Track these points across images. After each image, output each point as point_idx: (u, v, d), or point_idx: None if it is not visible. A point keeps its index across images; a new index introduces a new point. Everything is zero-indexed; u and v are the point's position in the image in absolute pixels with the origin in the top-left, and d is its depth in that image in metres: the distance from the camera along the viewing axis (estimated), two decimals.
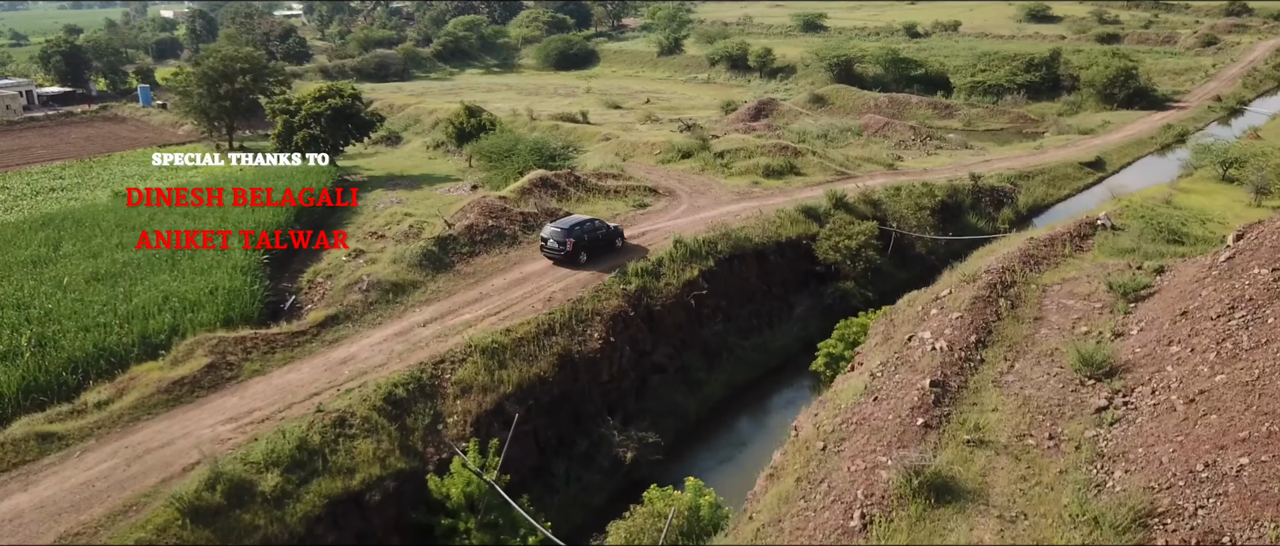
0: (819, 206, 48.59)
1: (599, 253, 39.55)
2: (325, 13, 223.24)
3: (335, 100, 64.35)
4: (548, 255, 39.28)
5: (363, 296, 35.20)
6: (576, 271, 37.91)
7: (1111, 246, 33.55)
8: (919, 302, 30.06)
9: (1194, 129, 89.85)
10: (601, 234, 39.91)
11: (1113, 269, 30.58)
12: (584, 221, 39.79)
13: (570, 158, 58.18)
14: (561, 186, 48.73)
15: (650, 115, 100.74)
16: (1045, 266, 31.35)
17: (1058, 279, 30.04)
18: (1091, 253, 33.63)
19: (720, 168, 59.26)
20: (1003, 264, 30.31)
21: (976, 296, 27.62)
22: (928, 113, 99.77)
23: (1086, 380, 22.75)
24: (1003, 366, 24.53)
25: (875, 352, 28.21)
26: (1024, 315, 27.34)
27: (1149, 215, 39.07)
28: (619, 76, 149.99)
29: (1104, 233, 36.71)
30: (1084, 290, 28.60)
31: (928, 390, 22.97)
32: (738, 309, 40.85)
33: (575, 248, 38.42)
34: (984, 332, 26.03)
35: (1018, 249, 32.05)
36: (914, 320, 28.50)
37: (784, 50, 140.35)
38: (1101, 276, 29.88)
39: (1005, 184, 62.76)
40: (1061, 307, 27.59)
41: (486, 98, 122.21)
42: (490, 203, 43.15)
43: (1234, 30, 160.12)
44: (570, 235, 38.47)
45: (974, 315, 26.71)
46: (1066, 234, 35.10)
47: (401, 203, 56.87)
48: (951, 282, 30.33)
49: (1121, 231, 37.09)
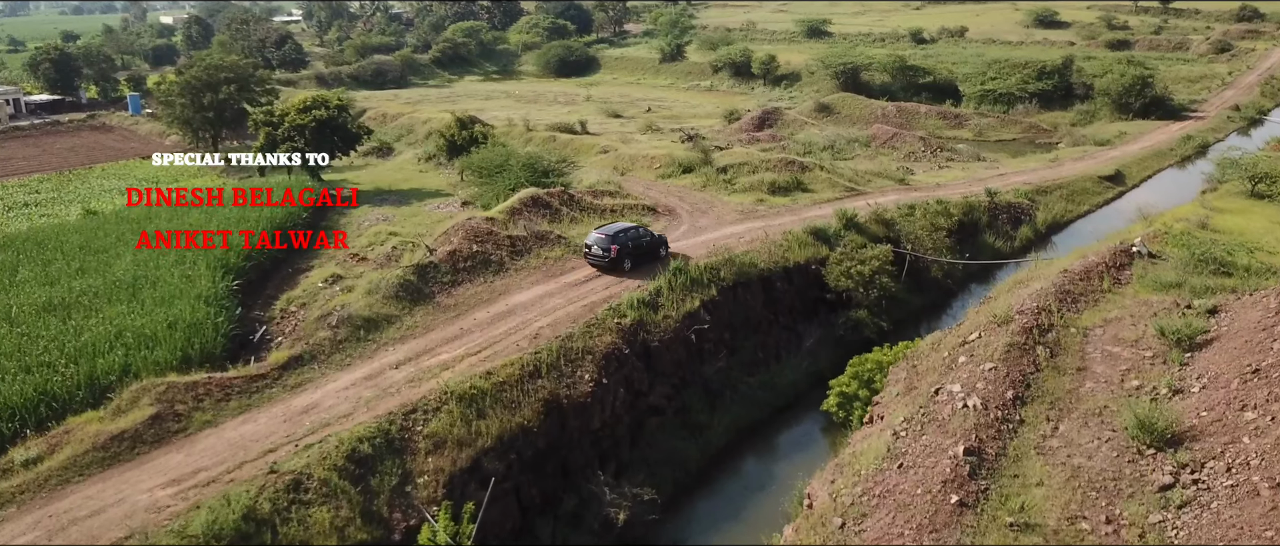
0: (828, 227, 45.58)
1: (642, 260, 39.07)
2: (324, 18, 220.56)
3: (320, 112, 61.45)
4: (591, 262, 38.70)
5: (331, 333, 32.20)
6: (564, 305, 34.92)
7: (1153, 279, 30.48)
8: (944, 347, 27.02)
9: (1214, 140, 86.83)
10: (645, 241, 39.48)
11: (1159, 308, 27.56)
12: (629, 228, 39.29)
13: (565, 174, 55.18)
14: (554, 206, 45.75)
15: (651, 125, 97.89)
16: (1083, 304, 28.32)
17: (1099, 320, 27.00)
18: (1131, 286, 30.58)
19: (723, 184, 56.27)
20: (1037, 303, 27.27)
21: (1011, 343, 24.59)
22: (937, 122, 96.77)
23: (1145, 449, 19.71)
24: (1045, 428, 21.50)
25: (897, 405, 25.17)
26: (1065, 365, 24.30)
27: (1188, 241, 35.97)
28: (620, 83, 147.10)
29: (1141, 261, 33.70)
30: (1130, 335, 25.56)
31: (961, 459, 19.95)
32: (742, 341, 37.81)
33: (619, 254, 37.94)
34: (1021, 387, 22.99)
35: (1053, 284, 28.99)
36: (940, 368, 25.46)
37: (788, 57, 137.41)
38: (1147, 316, 26.87)
39: (1022, 200, 59.74)
40: (1107, 356, 24.55)
41: (484, 106, 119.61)
42: (476, 225, 40.16)
43: (1248, 36, 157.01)
44: (614, 241, 37.99)
45: (1009, 365, 23.69)
46: (1102, 264, 32.06)
47: (387, 220, 53.96)
48: (980, 323, 27.31)
49: (1160, 260, 34.06)
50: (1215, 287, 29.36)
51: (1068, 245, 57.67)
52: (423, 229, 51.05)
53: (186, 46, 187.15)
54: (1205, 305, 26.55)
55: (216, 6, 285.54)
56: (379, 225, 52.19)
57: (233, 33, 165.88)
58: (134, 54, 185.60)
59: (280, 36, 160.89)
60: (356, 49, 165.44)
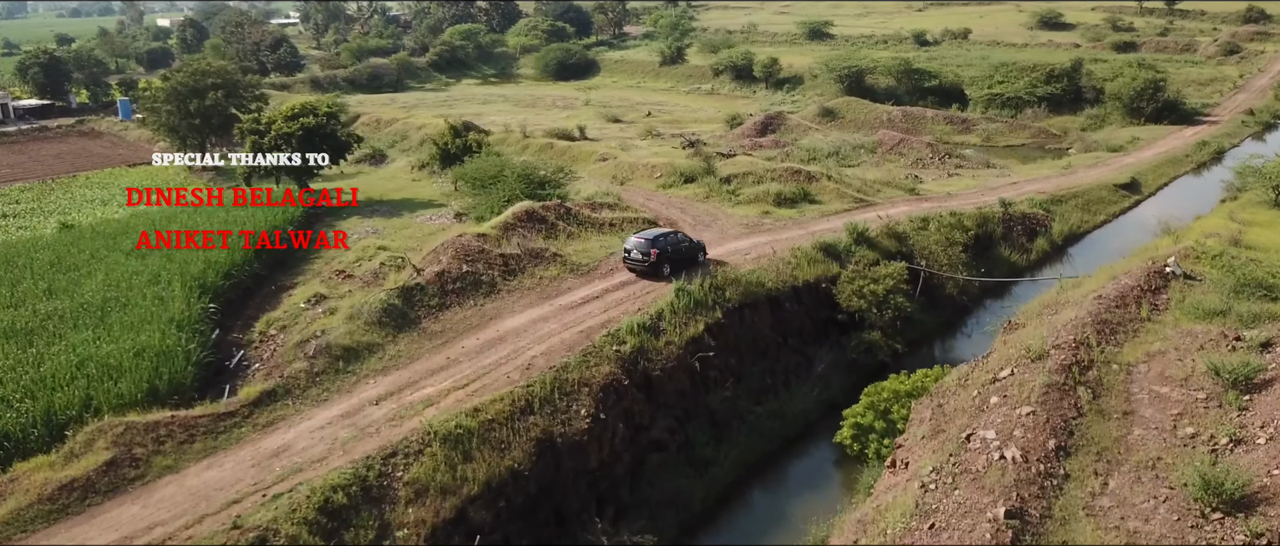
0: (838, 243, 43.32)
1: (681, 266, 38.46)
2: (321, 21, 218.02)
3: (308, 120, 59.18)
4: (630, 266, 38.44)
5: (308, 364, 29.90)
6: (560, 331, 32.64)
7: (1194, 306, 28.21)
8: (973, 384, 24.74)
9: (1229, 145, 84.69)
10: (684, 246, 39.25)
11: (1204, 340, 25.30)
12: (667, 233, 39.47)
13: (561, 185, 52.89)
14: (550, 220, 43.48)
15: (651, 130, 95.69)
16: (1122, 335, 26.05)
17: (1141, 354, 24.73)
18: (1170, 313, 28.33)
19: (727, 195, 54.02)
20: (1074, 335, 25.00)
21: (1049, 383, 22.31)
22: (944, 128, 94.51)
23: (1211, 513, 17.46)
24: (1094, 484, 19.24)
25: (923, 450, 22.90)
26: (1110, 408, 22.03)
27: (1224, 261, 33.73)
28: (619, 87, 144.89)
29: (1177, 283, 31.44)
30: (1178, 372, 23.29)
31: (1003, 523, 17.71)
32: (750, 367, 35.55)
33: (659, 258, 37.65)
34: (1064, 434, 20.73)
35: (1088, 313, 26.71)
36: (970, 409, 23.19)
37: (790, 59, 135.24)
38: (1193, 350, 24.61)
39: (1037, 210, 57.53)
40: (1155, 398, 22.28)
41: (482, 110, 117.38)
42: (466, 243, 37.89)
43: (1257, 37, 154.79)
44: (654, 245, 37.77)
45: (1049, 409, 21.42)
46: (1136, 288, 29.80)
47: (377, 233, 51.75)
48: (1011, 357, 25.05)
49: (1197, 282, 31.80)
50: (1263, 315, 27.10)
51: (1085, 257, 55.55)
52: (413, 243, 48.82)
53: (181, 49, 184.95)
54: (1257, 338, 24.32)
55: (214, 8, 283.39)
56: (368, 238, 49.99)
57: (227, 36, 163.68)
58: (128, 57, 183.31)
59: (275, 39, 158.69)
60: (352, 52, 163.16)
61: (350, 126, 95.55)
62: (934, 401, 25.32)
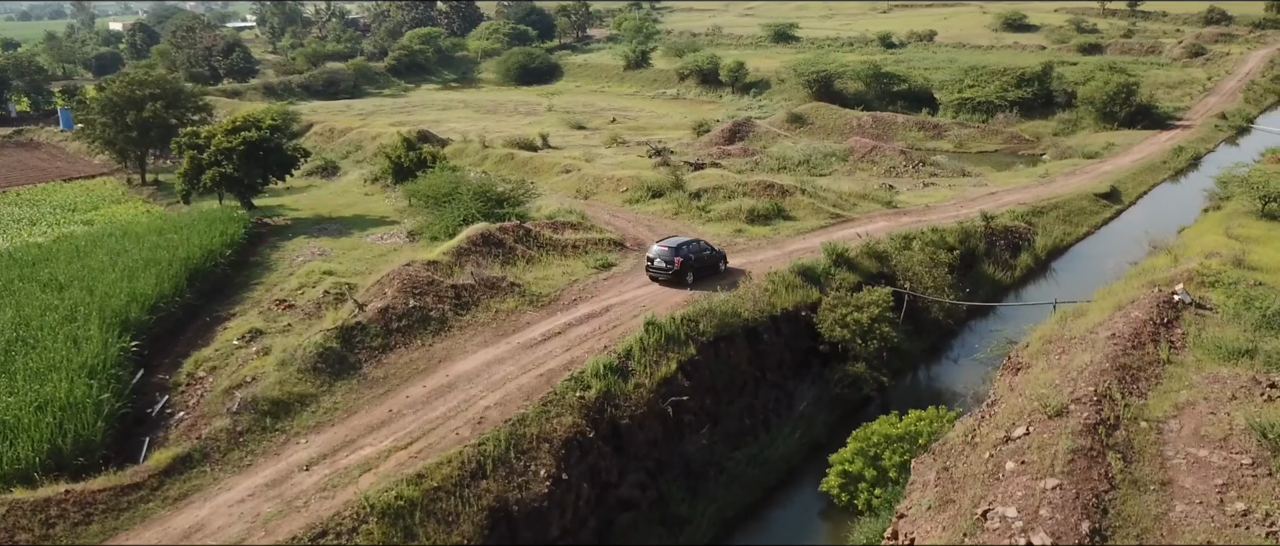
0: (817, 266, 40.48)
1: (704, 274, 38.82)
2: (278, 24, 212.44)
3: (250, 134, 55.47)
4: (653, 275, 38.36)
5: (231, 422, 26.48)
6: (517, 375, 29.44)
7: (1214, 343, 25.65)
8: (983, 443, 21.90)
9: (1205, 151, 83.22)
10: (707, 254, 39.45)
11: (1235, 387, 22.71)
12: (691, 241, 39.44)
13: (521, 203, 49.64)
14: (507, 243, 40.26)
15: (616, 137, 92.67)
16: (1144, 381, 23.37)
17: (1169, 407, 22.04)
18: (1189, 352, 25.73)
19: (697, 211, 51.07)
20: (1094, 386, 22.26)
21: (1074, 449, 19.53)
22: (916, 134, 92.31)
23: None
24: None
25: (929, 524, 20.02)
26: (1145, 477, 19.29)
27: (1234, 288, 31.33)
28: (583, 92, 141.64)
29: (1189, 314, 28.93)
30: (1215, 431, 20.62)
31: None
32: (727, 408, 32.56)
33: (683, 267, 37.71)
34: (1097, 513, 17.94)
35: (1105, 356, 24.00)
36: (982, 476, 20.34)
37: (757, 63, 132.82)
38: (1225, 399, 22.01)
39: (1019, 223, 55.14)
40: (1193, 463, 19.57)
41: (441, 117, 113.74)
42: (414, 273, 34.58)
43: (1221, 39, 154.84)
44: (678, 253, 37.84)
45: (1077, 482, 18.63)
46: (1149, 323, 27.20)
47: (324, 255, 48.30)
48: (1023, 410, 22.25)
49: (1210, 312, 29.32)
50: None
51: (1071, 272, 53.37)
52: (362, 266, 45.50)
53: (131, 55, 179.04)
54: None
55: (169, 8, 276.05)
56: (313, 261, 46.55)
57: (177, 40, 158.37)
58: (76, 63, 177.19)
59: (228, 44, 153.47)
60: (308, 57, 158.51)
61: (301, 137, 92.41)
62: (938, 462, 22.45)
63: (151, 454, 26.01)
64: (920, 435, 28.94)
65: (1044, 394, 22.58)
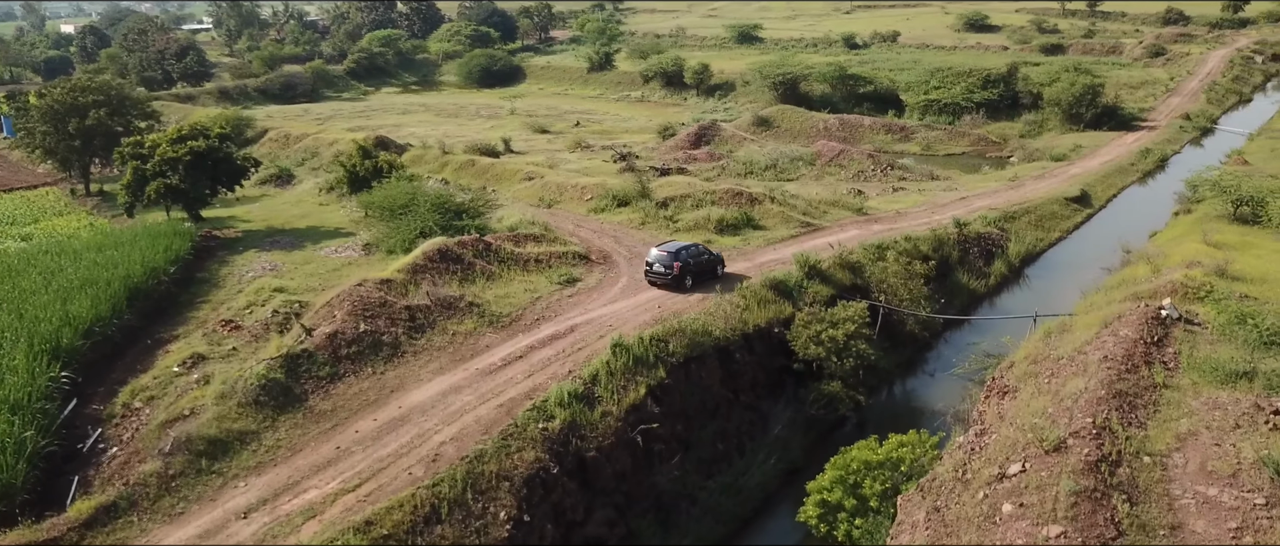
0: (789, 279, 39.00)
1: (702, 278, 38.86)
2: (234, 26, 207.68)
3: (197, 143, 53.06)
4: (652, 279, 38.33)
5: (163, 464, 24.37)
6: (475, 405, 27.59)
7: (1211, 366, 24.42)
8: (976, 481, 20.41)
9: (1171, 152, 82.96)
10: (705, 259, 39.54)
11: (1237, 414, 21.44)
12: (690, 246, 39.52)
13: (480, 214, 47.72)
14: (466, 259, 38.34)
15: (580, 141, 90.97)
16: (1141, 409, 22.03)
17: (1171, 438, 20.70)
18: (1184, 374, 24.46)
19: (665, 221, 49.42)
20: (1092, 417, 20.87)
21: (1077, 491, 18.08)
22: (884, 137, 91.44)
23: None
24: None
25: None
26: (1153, 521, 17.87)
27: (1224, 303, 30.20)
28: (546, 94, 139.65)
29: (1180, 331, 27.74)
30: (1223, 466, 19.28)
31: None
32: (699, 433, 30.91)
33: (682, 271, 37.77)
34: None
35: (1100, 383, 22.63)
36: (978, 520, 18.84)
37: (721, 64, 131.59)
38: (1229, 429, 20.73)
39: (991, 229, 54.06)
40: (1203, 504, 18.20)
41: (401, 121, 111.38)
42: (366, 294, 32.58)
43: (1180, 39, 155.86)
44: (676, 258, 37.84)
45: (1082, 529, 17.19)
46: (1140, 342, 25.94)
47: (275, 270, 46.13)
48: (1018, 445, 20.80)
49: (1199, 328, 28.15)
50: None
51: (1045, 279, 52.48)
52: (315, 281, 43.43)
53: (82, 58, 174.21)
54: None
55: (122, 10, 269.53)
56: (263, 277, 44.39)
57: (129, 44, 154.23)
58: (24, 66, 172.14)
59: (182, 47, 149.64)
60: (264, 60, 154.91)
61: (256, 143, 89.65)
62: (927, 499, 20.96)
63: (77, 499, 23.87)
64: (902, 462, 27.46)
65: (1038, 424, 21.16)
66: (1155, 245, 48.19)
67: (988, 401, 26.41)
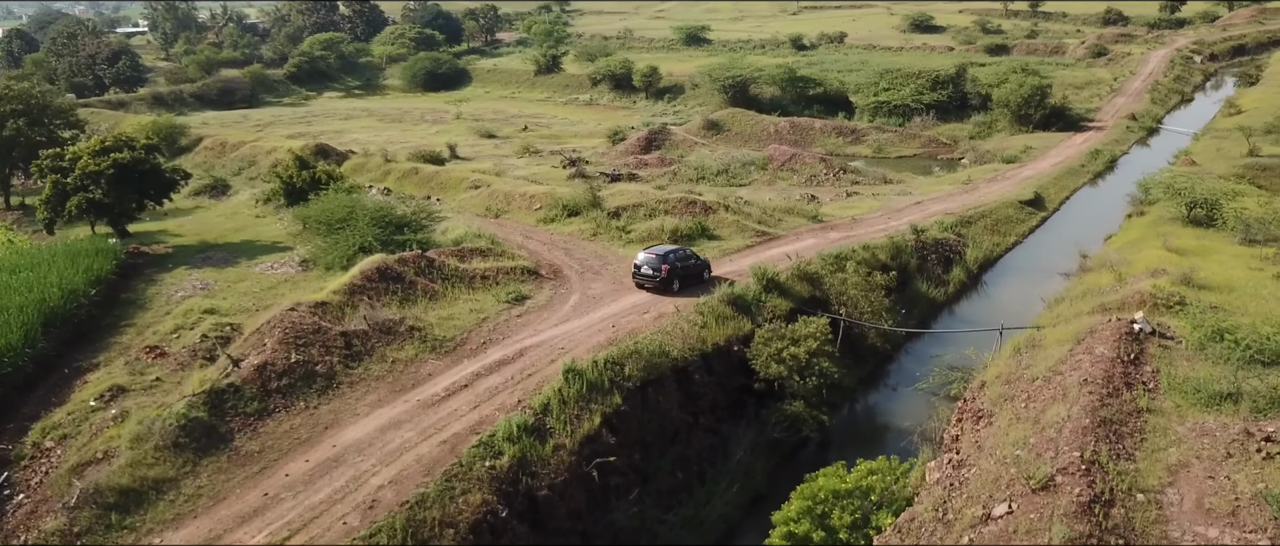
0: (747, 293, 37.53)
1: (689, 282, 39.23)
2: (170, 30, 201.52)
3: (121, 155, 50.20)
4: (640, 282, 38.68)
5: (68, 519, 22.06)
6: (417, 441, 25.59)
7: (1192, 387, 23.35)
8: (958, 523, 18.97)
9: (1119, 153, 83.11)
10: (692, 263, 40.03)
11: (1227, 442, 20.33)
12: (676, 250, 40.16)
13: (424, 227, 45.61)
14: (407, 278, 36.26)
15: (529, 146, 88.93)
16: (1128, 437, 20.80)
17: (1163, 471, 19.46)
18: (1166, 396, 23.34)
19: (617, 232, 47.71)
20: (1080, 451, 19.55)
21: (1071, 539, 16.70)
22: (835, 140, 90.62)
23: None
24: None
25: None
26: None
27: (1199, 316, 29.26)
28: (493, 98, 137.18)
29: (1152, 344, 26.69)
30: (1221, 502, 18.07)
31: None
32: (657, 462, 29.20)
33: (670, 274, 38.17)
34: None
35: (1084, 412, 21.35)
36: None
37: (670, 67, 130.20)
38: (1221, 459, 19.61)
39: (949, 235, 53.15)
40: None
41: (343, 127, 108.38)
42: (298, 320, 30.39)
43: (1121, 40, 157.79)
44: (665, 261, 38.30)
45: None
46: (1117, 361, 24.80)
47: (206, 288, 43.64)
48: (1002, 482, 19.42)
49: (1173, 342, 27.13)
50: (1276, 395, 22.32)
51: (1003, 284, 51.76)
52: (249, 300, 41.07)
53: (7, 64, 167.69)
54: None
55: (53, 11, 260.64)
56: (193, 297, 41.91)
57: (57, 48, 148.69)
58: None
59: (114, 52, 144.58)
60: (201, 65, 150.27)
61: (190, 152, 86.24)
62: (905, 541, 19.47)
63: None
64: (872, 490, 26.05)
65: (1020, 456, 19.82)
66: (1114, 250, 47.63)
67: (961, 425, 25.11)
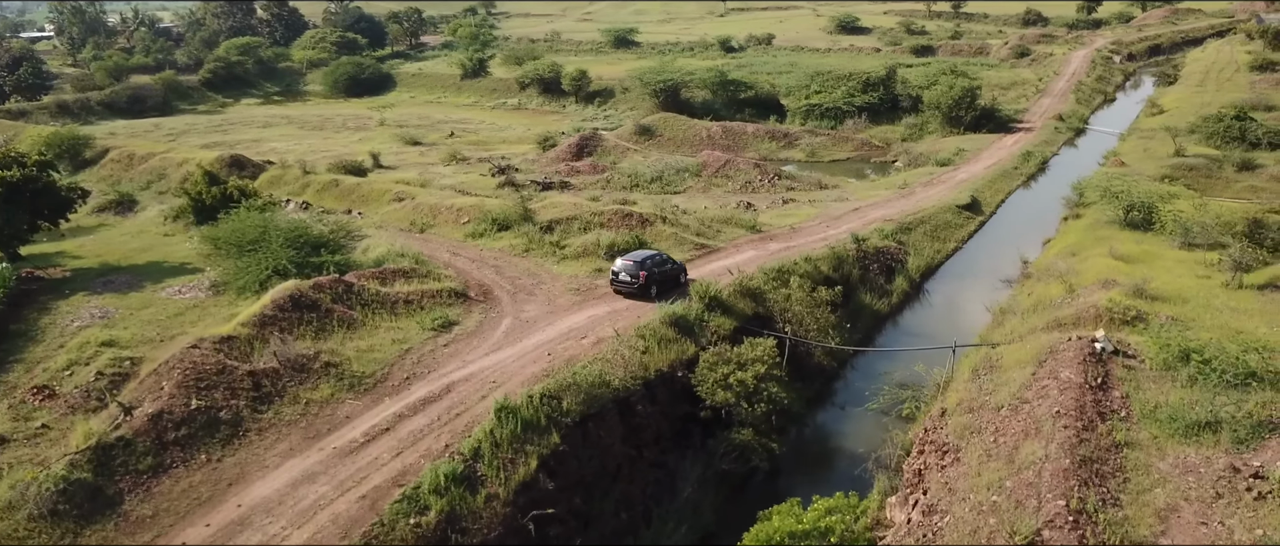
0: (689, 313, 35.61)
1: (666, 287, 39.25)
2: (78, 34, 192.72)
3: (10, 172, 46.38)
4: (618, 289, 38.81)
5: None
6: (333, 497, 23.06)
7: (1166, 414, 22.06)
8: None
9: (1049, 154, 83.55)
10: (668, 268, 40.00)
11: (1210, 477, 19.01)
12: (654, 255, 40.04)
13: (343, 248, 42.76)
14: (324, 306, 33.54)
15: (455, 154, 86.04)
16: (1111, 480, 19.31)
17: (1152, 517, 17.96)
18: (1140, 426, 21.99)
19: (550, 248, 45.41)
20: (1067, 499, 17.96)
21: None
22: (769, 144, 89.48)
23: None
24: None
25: None
26: None
27: (1158, 331, 28.19)
28: (419, 103, 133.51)
29: (1116, 365, 25.43)
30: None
31: None
32: (599, 504, 27.03)
33: (647, 281, 38.30)
34: None
35: (1062, 451, 19.78)
36: None
37: (600, 70, 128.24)
38: (1211, 500, 18.22)
39: (889, 243, 52.02)
40: None
41: (261, 136, 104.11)
42: (200, 360, 27.55)
43: (1043, 40, 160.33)
44: (642, 267, 38.46)
45: None
46: (1085, 387, 23.45)
47: (106, 317, 40.15)
48: (980, 531, 17.75)
49: (1137, 362, 25.92)
50: (1254, 421, 21.12)
51: (945, 293, 50.99)
52: (153, 330, 37.81)
53: None
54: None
55: None
56: (91, 327, 38.44)
57: None
58: None
59: (15, 57, 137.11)
60: (110, 71, 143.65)
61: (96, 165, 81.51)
62: None
63: None
64: (832, 531, 24.33)
65: (999, 504, 18.21)
66: (1058, 257, 46.90)
67: (924, 458, 23.51)
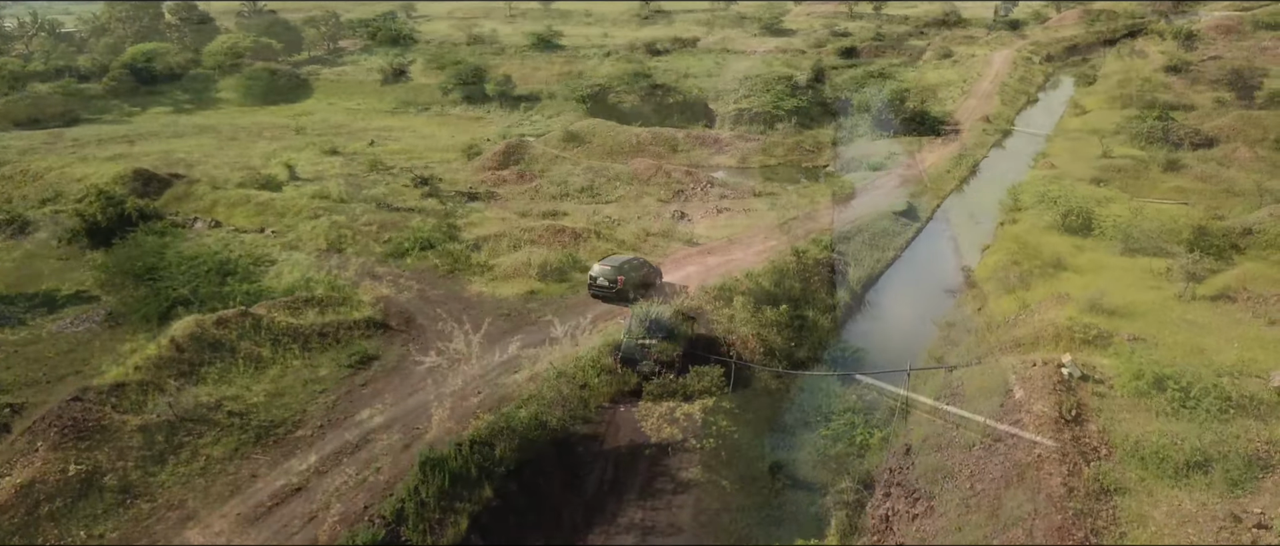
0: (629, 338, 33.34)
1: (644, 291, 39.53)
2: None
3: None
4: (595, 293, 39.26)
5: None
6: None
7: (1150, 451, 20.54)
8: None
9: (980, 157, 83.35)
10: (644, 271, 40.70)
11: (1212, 528, 17.41)
12: (631, 260, 40.57)
13: (252, 276, 39.55)
14: (228, 343, 30.47)
15: (377, 163, 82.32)
16: (1107, 534, 17.62)
17: None
18: (1125, 466, 20.41)
19: (478, 268, 42.76)
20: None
21: None
22: (699, 151, 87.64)
23: None
24: None
25: None
26: None
27: (1124, 353, 26.78)
28: (338, 110, 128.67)
29: (1086, 393, 23.92)
30: None
31: None
32: None
33: (625, 284, 38.74)
34: None
35: (1052, 505, 18.08)
36: None
37: (524, 73, 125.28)
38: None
39: (829, 253, 50.52)
40: None
41: (171, 147, 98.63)
42: (81, 417, 24.29)
43: (965, 41, 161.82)
44: (620, 272, 39.01)
45: None
46: (1061, 421, 21.80)
47: None
48: None
49: (1107, 389, 24.46)
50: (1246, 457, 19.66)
51: (887, 305, 49.32)
52: (40, 371, 34.39)
53: None
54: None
55: None
56: None
57: None
58: None
59: None
60: (5, 79, 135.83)
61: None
62: None
63: None
64: None
65: None
66: (1000, 266, 45.86)
67: (891, 504, 21.59)
